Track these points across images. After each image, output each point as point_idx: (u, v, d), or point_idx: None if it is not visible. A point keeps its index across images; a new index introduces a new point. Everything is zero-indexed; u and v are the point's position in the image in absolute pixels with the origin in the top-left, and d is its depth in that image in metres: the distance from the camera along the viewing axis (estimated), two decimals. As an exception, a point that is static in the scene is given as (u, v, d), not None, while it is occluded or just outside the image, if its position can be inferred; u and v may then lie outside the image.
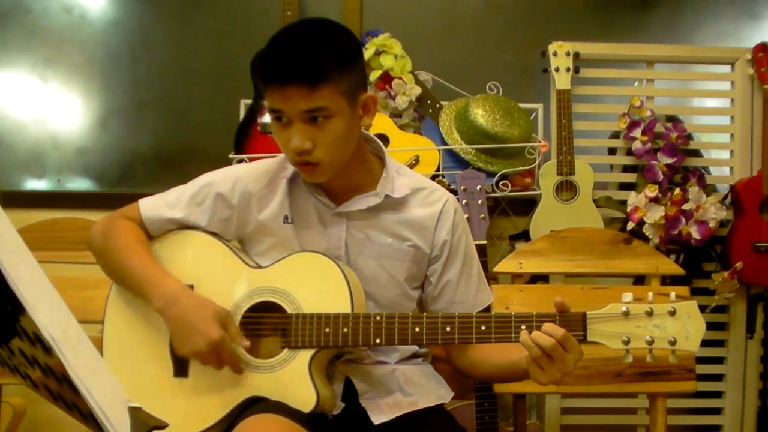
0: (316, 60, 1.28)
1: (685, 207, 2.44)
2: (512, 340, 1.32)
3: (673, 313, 1.27)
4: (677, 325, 1.27)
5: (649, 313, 1.27)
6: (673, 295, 1.29)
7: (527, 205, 2.57)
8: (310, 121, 1.31)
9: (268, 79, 1.30)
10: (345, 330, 1.35)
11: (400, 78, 2.47)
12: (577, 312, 1.30)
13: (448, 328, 1.34)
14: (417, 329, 1.35)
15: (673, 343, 1.27)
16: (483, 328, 1.33)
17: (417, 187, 1.49)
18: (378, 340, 1.35)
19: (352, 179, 1.44)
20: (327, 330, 1.35)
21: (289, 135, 1.32)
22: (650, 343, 1.27)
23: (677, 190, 2.45)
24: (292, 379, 1.34)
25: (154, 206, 1.49)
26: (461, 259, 1.50)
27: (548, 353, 1.25)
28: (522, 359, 1.35)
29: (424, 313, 1.40)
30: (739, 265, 2.45)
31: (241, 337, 1.36)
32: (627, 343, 1.27)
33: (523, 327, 1.30)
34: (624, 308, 1.28)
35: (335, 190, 1.44)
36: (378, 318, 1.35)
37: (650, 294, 1.30)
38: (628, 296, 1.29)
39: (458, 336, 1.34)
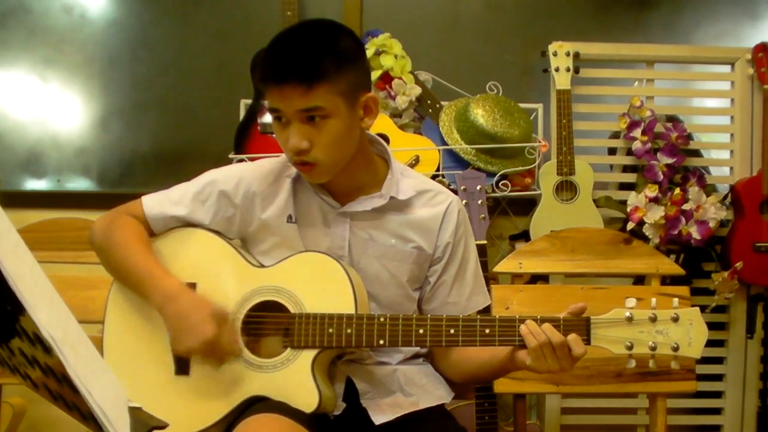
0: (313, 60, 1.29)
1: (685, 207, 2.44)
2: (516, 343, 1.32)
3: (676, 320, 1.28)
4: (680, 331, 1.28)
5: (653, 319, 1.28)
6: (675, 301, 1.30)
7: (527, 205, 2.57)
8: (308, 121, 1.31)
9: (266, 78, 1.31)
10: (348, 331, 1.35)
11: (400, 78, 2.47)
12: (581, 317, 1.30)
13: (452, 331, 1.34)
14: (421, 331, 1.35)
15: (675, 349, 1.28)
16: (487, 331, 1.33)
17: (421, 189, 1.49)
18: (381, 342, 1.35)
19: (357, 180, 1.44)
20: (330, 330, 1.35)
21: (288, 134, 1.33)
22: (653, 348, 1.28)
23: (677, 190, 2.45)
24: (295, 379, 1.34)
25: (157, 203, 1.48)
26: (458, 260, 1.50)
27: (554, 347, 1.26)
28: (502, 348, 1.35)
29: (428, 315, 1.39)
30: (739, 265, 2.45)
31: (236, 339, 1.36)
32: (630, 348, 1.28)
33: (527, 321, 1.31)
34: (628, 313, 1.29)
35: (340, 190, 1.45)
36: (382, 319, 1.35)
37: (654, 300, 1.30)
38: (631, 301, 1.30)
39: (462, 338, 1.34)
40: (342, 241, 1.45)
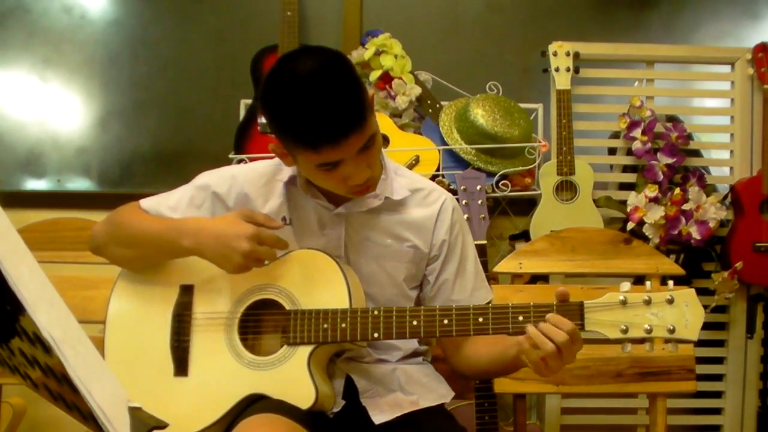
0: (356, 102, 1.26)
1: (685, 207, 2.44)
2: (510, 331, 1.32)
3: (671, 301, 1.26)
4: (676, 313, 1.25)
5: (647, 302, 1.26)
6: (671, 283, 1.28)
7: (527, 205, 2.57)
8: (362, 151, 1.30)
9: (322, 140, 1.24)
10: (343, 325, 1.35)
11: (400, 78, 2.47)
12: (575, 301, 1.29)
13: (445, 321, 1.34)
14: (415, 322, 1.35)
15: (671, 331, 1.25)
16: (480, 319, 1.33)
17: (415, 188, 1.50)
18: (376, 335, 1.36)
19: None
20: (325, 326, 1.35)
21: (343, 173, 1.30)
22: (649, 331, 1.25)
23: (677, 190, 2.45)
24: (292, 375, 1.35)
25: (155, 207, 1.48)
26: (457, 257, 1.51)
27: (560, 348, 1.23)
28: (511, 347, 1.35)
29: (422, 306, 1.40)
30: (739, 265, 2.45)
31: (271, 219, 1.39)
32: (625, 331, 1.26)
33: (521, 318, 1.30)
34: (622, 297, 1.27)
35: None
36: (376, 312, 1.36)
37: (648, 283, 1.29)
38: (626, 285, 1.28)
39: (456, 328, 1.34)
40: (338, 242, 1.45)
